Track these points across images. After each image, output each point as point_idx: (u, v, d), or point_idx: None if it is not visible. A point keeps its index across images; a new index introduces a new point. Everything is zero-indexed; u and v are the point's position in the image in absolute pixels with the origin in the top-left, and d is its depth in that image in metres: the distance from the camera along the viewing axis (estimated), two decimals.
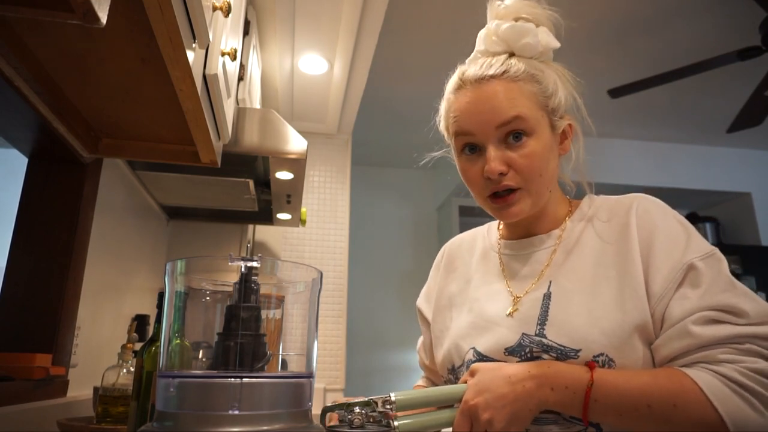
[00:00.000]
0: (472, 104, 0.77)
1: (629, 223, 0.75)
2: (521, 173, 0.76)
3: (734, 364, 0.62)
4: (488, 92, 0.76)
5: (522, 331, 0.74)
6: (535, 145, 0.76)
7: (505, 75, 0.77)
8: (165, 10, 0.74)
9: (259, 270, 0.59)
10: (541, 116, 0.77)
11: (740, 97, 2.93)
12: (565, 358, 0.69)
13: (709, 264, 0.69)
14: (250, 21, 1.81)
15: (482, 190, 0.79)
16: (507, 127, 0.75)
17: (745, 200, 4.28)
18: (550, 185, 0.81)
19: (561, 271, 0.77)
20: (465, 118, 0.78)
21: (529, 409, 0.66)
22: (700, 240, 0.72)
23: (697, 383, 0.62)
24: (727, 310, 0.65)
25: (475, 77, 0.78)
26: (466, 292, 0.87)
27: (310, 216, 2.96)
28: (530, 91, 0.77)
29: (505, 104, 0.75)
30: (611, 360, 0.67)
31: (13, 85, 0.96)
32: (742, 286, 0.68)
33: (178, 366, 0.59)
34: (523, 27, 0.79)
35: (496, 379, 0.67)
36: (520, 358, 0.72)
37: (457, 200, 4.35)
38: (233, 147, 1.48)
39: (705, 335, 0.64)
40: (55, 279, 1.25)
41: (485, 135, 0.76)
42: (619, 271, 0.72)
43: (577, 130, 0.84)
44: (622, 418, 0.64)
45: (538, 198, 0.79)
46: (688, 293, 0.67)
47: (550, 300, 0.74)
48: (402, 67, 3.12)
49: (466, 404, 0.66)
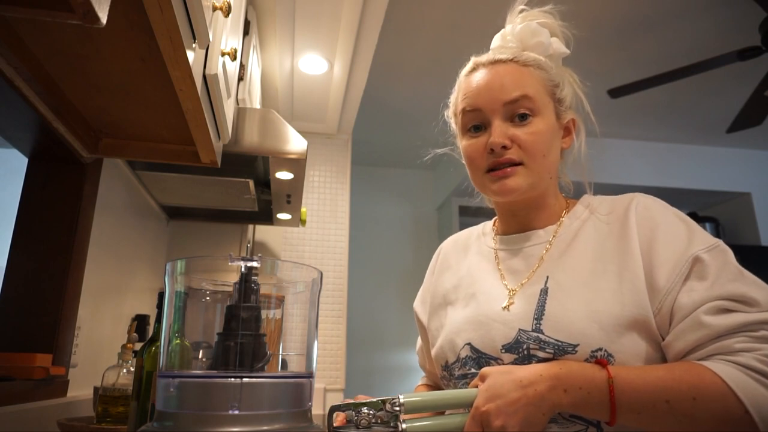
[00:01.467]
0: (482, 82, 0.81)
1: (628, 220, 0.75)
2: (524, 149, 0.77)
3: (752, 353, 0.61)
4: (499, 71, 0.80)
5: (519, 327, 0.73)
6: (540, 124, 0.78)
7: (516, 60, 0.81)
8: (165, 10, 0.74)
9: (259, 270, 0.59)
10: (547, 101, 0.80)
11: (740, 97, 2.93)
12: (562, 354, 0.68)
13: (714, 255, 0.68)
14: (250, 21, 1.81)
15: (482, 165, 0.80)
16: (514, 105, 0.78)
17: (745, 200, 4.28)
18: (550, 171, 0.81)
19: (558, 266, 0.76)
20: (474, 95, 0.81)
21: (543, 413, 0.63)
22: (702, 233, 0.71)
23: (719, 375, 0.60)
24: (737, 299, 0.64)
25: (488, 60, 0.82)
26: (461, 288, 0.87)
27: (310, 216, 2.96)
28: (539, 76, 0.81)
29: (515, 83, 0.78)
30: (610, 355, 0.66)
31: (13, 85, 0.96)
32: (751, 274, 0.67)
33: (178, 366, 0.59)
34: (538, 28, 0.84)
35: (507, 383, 0.65)
36: (517, 355, 0.72)
37: (457, 200, 4.34)
38: (233, 147, 1.48)
39: (718, 325, 0.63)
40: (55, 279, 1.25)
41: (492, 111, 0.79)
42: (617, 266, 0.72)
43: (580, 128, 0.86)
44: (640, 416, 0.62)
45: (538, 179, 0.79)
46: (695, 286, 0.66)
47: (547, 295, 0.73)
48: (402, 67, 3.12)
49: (477, 410, 0.64)
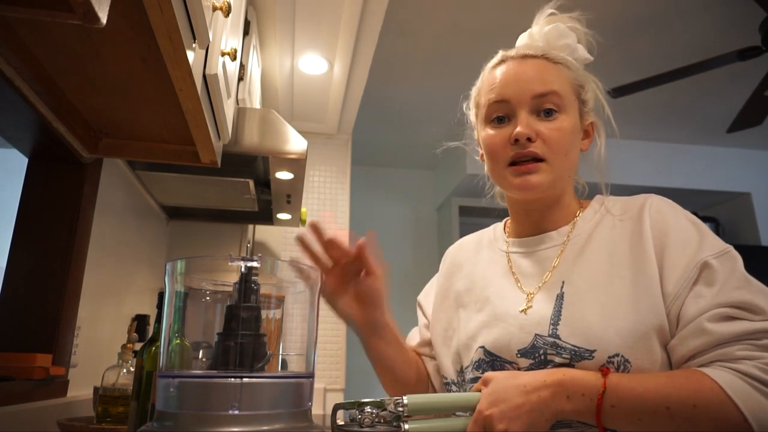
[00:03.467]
0: (513, 73, 0.80)
1: (643, 223, 0.74)
2: (549, 144, 0.76)
3: (753, 361, 0.61)
4: (530, 64, 0.81)
5: (535, 332, 0.72)
6: (565, 122, 0.78)
7: (546, 56, 0.82)
8: (165, 10, 0.74)
9: (259, 270, 0.59)
10: (573, 100, 0.81)
11: (740, 97, 2.93)
12: (579, 359, 0.67)
13: (722, 262, 0.68)
14: (250, 21, 1.81)
15: (504, 156, 0.78)
16: (542, 99, 0.78)
17: (745, 200, 4.27)
18: (570, 170, 0.81)
19: (573, 271, 0.75)
20: (503, 85, 0.80)
21: (545, 419, 0.64)
22: (713, 238, 0.71)
23: (717, 382, 0.60)
24: (742, 306, 0.64)
25: (518, 54, 0.82)
26: (473, 291, 0.86)
27: (310, 216, 2.96)
28: (567, 75, 0.81)
29: (545, 78, 0.79)
30: (627, 361, 0.66)
31: (13, 85, 0.96)
32: (758, 283, 0.67)
33: (178, 366, 0.59)
34: (566, 30, 0.85)
35: (510, 388, 0.65)
36: (533, 360, 0.71)
37: (457, 200, 4.33)
38: (233, 147, 1.48)
39: (721, 332, 0.63)
40: (55, 279, 1.25)
41: (519, 102, 0.78)
42: (633, 270, 0.71)
43: (600, 130, 0.86)
44: (641, 422, 0.62)
45: (559, 177, 0.79)
46: (702, 291, 0.66)
47: (563, 300, 0.73)
48: (402, 67, 3.11)
49: (480, 414, 0.65)
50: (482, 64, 0.89)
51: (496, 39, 0.95)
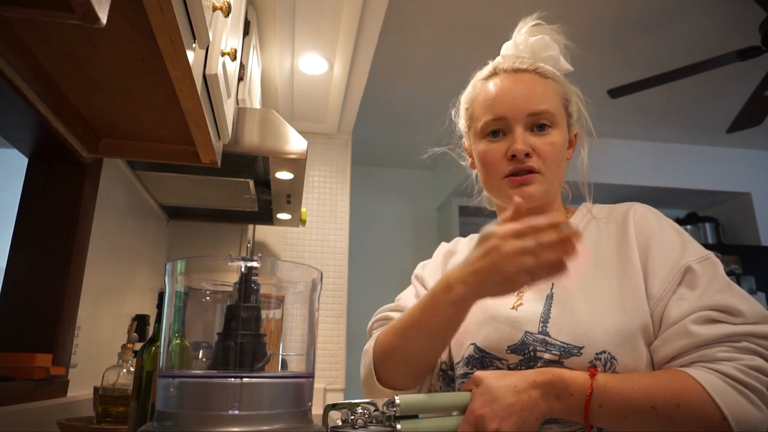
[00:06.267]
0: (508, 89, 0.83)
1: (627, 228, 0.78)
2: (543, 158, 0.80)
3: (733, 362, 0.64)
4: (525, 80, 0.84)
5: (525, 329, 0.74)
6: (557, 136, 0.82)
7: (537, 71, 0.85)
8: (165, 10, 0.74)
9: (259, 270, 0.59)
10: (562, 114, 0.85)
11: (740, 97, 2.93)
12: (568, 356, 0.70)
13: (705, 267, 0.71)
14: (250, 21, 1.81)
15: (501, 170, 0.82)
16: (537, 117, 0.81)
17: (745, 200, 4.27)
18: (560, 180, 0.85)
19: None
20: (498, 102, 0.83)
21: (536, 417, 0.66)
22: (695, 245, 0.75)
23: (699, 382, 0.63)
24: (724, 309, 0.67)
25: (510, 68, 0.85)
26: None
27: (310, 216, 2.96)
28: (557, 90, 0.85)
29: (540, 96, 0.82)
30: (613, 358, 0.68)
31: (13, 85, 0.96)
32: (738, 287, 0.70)
33: (178, 366, 0.59)
34: (550, 42, 0.88)
35: (501, 388, 0.67)
36: (522, 356, 0.73)
37: (457, 200, 4.34)
38: (233, 147, 1.48)
39: (704, 334, 0.66)
40: (55, 279, 1.25)
41: (516, 119, 0.81)
42: (619, 273, 0.75)
43: (583, 139, 0.90)
44: (627, 421, 0.65)
45: (551, 188, 0.83)
46: (685, 294, 0.70)
47: (553, 300, 0.76)
48: (402, 67, 3.11)
49: (472, 414, 0.66)
50: (481, 65, 0.90)
51: (496, 39, 0.95)
